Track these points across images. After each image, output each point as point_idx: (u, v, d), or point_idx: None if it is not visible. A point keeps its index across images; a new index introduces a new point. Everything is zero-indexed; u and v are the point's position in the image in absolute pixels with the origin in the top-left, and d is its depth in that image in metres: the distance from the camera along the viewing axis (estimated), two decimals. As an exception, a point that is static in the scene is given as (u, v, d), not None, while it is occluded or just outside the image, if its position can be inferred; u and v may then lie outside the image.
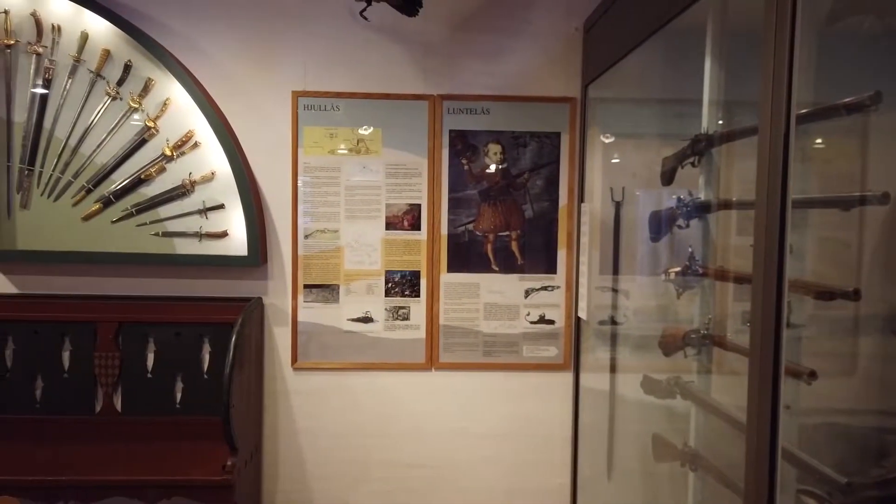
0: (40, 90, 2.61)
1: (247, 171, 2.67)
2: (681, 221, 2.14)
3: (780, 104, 1.09)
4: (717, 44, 1.99)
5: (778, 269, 1.11)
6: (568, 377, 2.84)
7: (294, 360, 2.79)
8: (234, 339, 2.40)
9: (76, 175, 2.64)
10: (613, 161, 2.73)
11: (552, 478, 2.87)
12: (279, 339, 2.80)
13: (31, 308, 2.69)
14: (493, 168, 2.77)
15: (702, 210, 2.11)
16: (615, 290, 2.69)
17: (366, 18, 2.49)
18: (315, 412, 2.82)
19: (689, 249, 2.12)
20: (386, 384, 2.82)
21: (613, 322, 2.70)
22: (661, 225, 2.30)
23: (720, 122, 2.02)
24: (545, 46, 2.77)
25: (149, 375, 2.71)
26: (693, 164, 2.11)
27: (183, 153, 2.65)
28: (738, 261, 1.94)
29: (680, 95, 2.38)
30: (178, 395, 2.71)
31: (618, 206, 2.62)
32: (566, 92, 2.76)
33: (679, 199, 2.14)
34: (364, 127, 2.75)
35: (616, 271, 2.67)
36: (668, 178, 2.22)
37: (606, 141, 2.74)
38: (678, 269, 2.18)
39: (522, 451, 2.87)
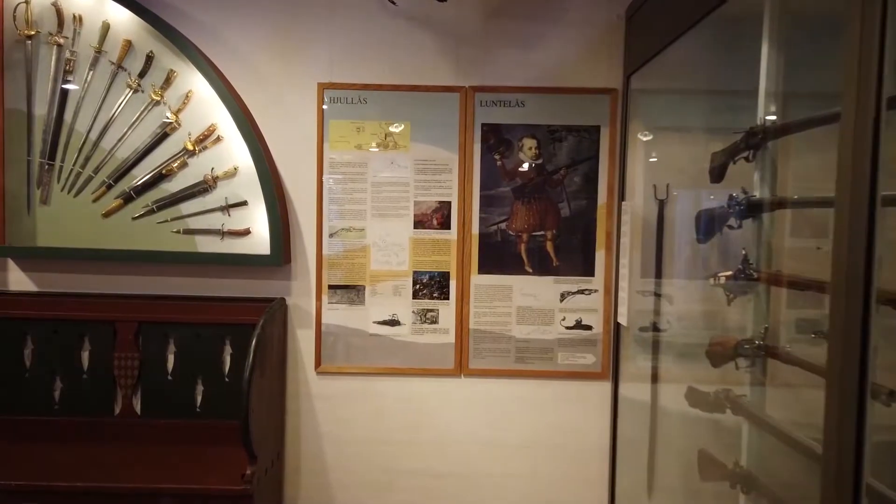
0: (61, 83, 2.58)
1: (270, 166, 2.61)
2: (732, 221, 2.01)
3: (869, 85, 0.96)
4: (776, 29, 1.87)
5: (865, 277, 0.97)
6: (606, 387, 2.75)
7: (318, 363, 2.74)
8: (254, 340, 2.35)
9: (97, 170, 2.62)
10: (656, 157, 2.62)
11: (587, 493, 2.78)
12: (303, 341, 2.76)
13: (50, 307, 2.67)
14: (527, 164, 2.69)
15: (757, 209, 1.97)
16: (657, 295, 2.57)
17: (394, 3, 2.40)
18: (339, 418, 2.77)
19: (743, 252, 1.99)
20: (413, 390, 2.75)
21: (655, 329, 2.58)
22: (709, 225, 2.18)
23: (775, 114, 1.90)
24: (584, 35, 2.67)
25: (169, 377, 2.68)
26: (747, 159, 1.99)
27: (205, 147, 2.61)
28: (795, 264, 1.84)
29: (731, 86, 2.27)
30: (199, 398, 2.68)
31: (661, 204, 2.49)
32: (607, 83, 2.66)
33: (732, 197, 2.02)
34: (392, 121, 2.68)
35: (659, 274, 2.54)
36: (717, 174, 2.10)
37: (648, 136, 2.63)
38: (729, 272, 2.06)
39: (556, 465, 2.78)
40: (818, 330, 1.59)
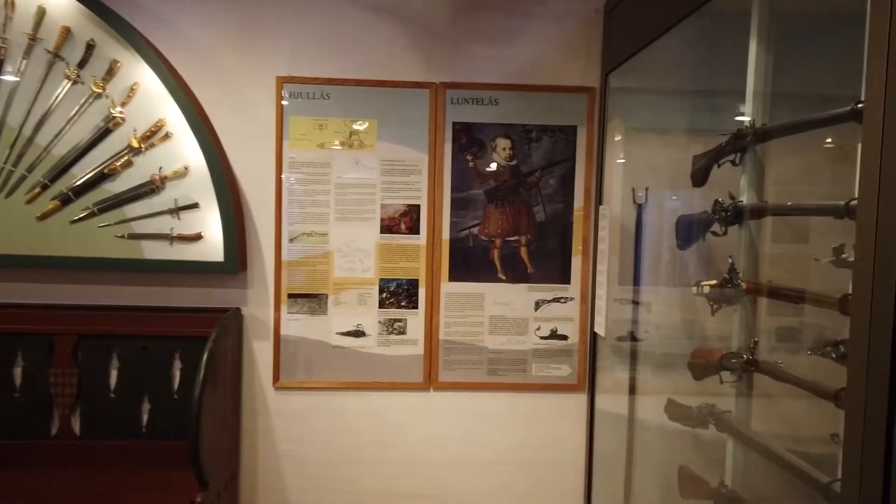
0: (-10, 72, 2.37)
1: (224, 165, 2.45)
2: (717, 228, 1.95)
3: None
4: (766, 26, 1.79)
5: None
6: (582, 399, 2.67)
7: (276, 378, 2.60)
8: (206, 355, 2.18)
9: (31, 168, 2.42)
10: (636, 159, 2.56)
11: (563, 511, 2.67)
12: (260, 354, 2.61)
13: (-23, 318, 2.45)
14: (501, 165, 2.59)
15: (745, 215, 1.89)
16: (636, 303, 2.53)
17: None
18: (300, 436, 2.63)
19: (730, 260, 1.91)
20: (379, 405, 2.63)
21: (633, 338, 2.53)
22: (690, 231, 2.11)
23: (763, 116, 1.82)
24: (561, 30, 2.57)
25: (112, 395, 2.51)
26: (734, 163, 1.91)
27: (152, 145, 2.44)
28: (785, 274, 1.77)
29: (715, 86, 2.22)
30: (145, 418, 2.52)
31: (640, 209, 2.45)
32: (584, 81, 2.58)
33: (717, 203, 1.95)
34: (357, 118, 2.55)
35: (637, 282, 2.50)
36: (700, 177, 2.03)
37: (628, 137, 2.57)
38: (714, 281, 1.98)
39: (531, 481, 2.69)
40: (815, 346, 1.50)
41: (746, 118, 1.87)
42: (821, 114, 1.52)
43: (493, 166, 2.59)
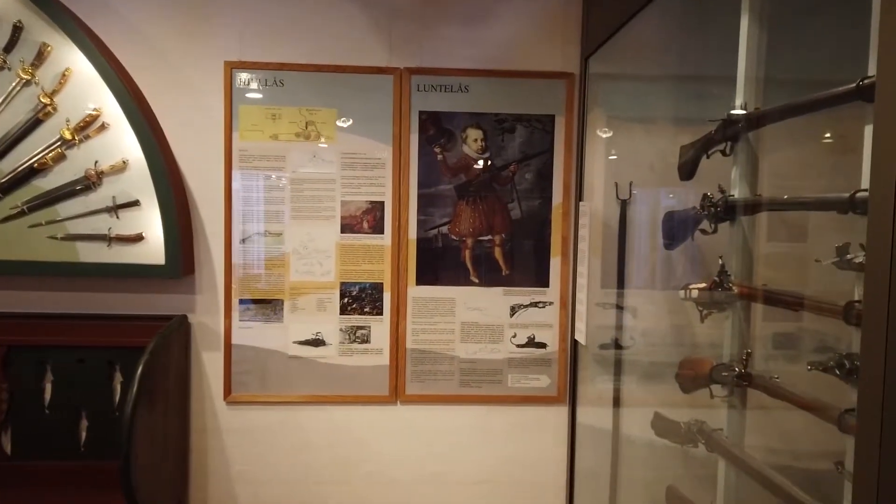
0: None
1: (167, 159, 2.29)
2: (706, 225, 1.82)
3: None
4: (759, 3, 1.67)
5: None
6: (562, 412, 2.56)
7: (227, 391, 2.45)
8: (140, 368, 2.03)
9: (-49, 163, 2.24)
10: (618, 151, 2.45)
11: (543, 533, 2.56)
12: (209, 366, 2.46)
13: None
14: (472, 158, 2.46)
15: (736, 210, 1.74)
16: (620, 308, 2.43)
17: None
18: (254, 455, 2.48)
19: (720, 261, 1.76)
20: (342, 421, 2.50)
21: (618, 346, 2.44)
22: (678, 229, 2.00)
23: (756, 102, 1.69)
24: (537, 10, 2.44)
25: (46, 411, 2.36)
26: (723, 153, 1.77)
27: (87, 137, 2.28)
28: (781, 276, 1.66)
29: (704, 71, 2.11)
30: (83, 436, 2.36)
31: (624, 205, 2.34)
32: (562, 66, 2.45)
33: (706, 197, 1.81)
34: (315, 108, 2.41)
35: (621, 285, 2.39)
36: (688, 170, 1.91)
37: (609, 129, 2.46)
38: (703, 284, 1.84)
39: (508, 502, 2.56)
40: (816, 361, 1.34)
41: (738, 102, 1.72)
42: (822, 93, 1.37)
43: (469, 158, 2.46)
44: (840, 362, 1.24)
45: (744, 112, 1.68)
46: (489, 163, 2.46)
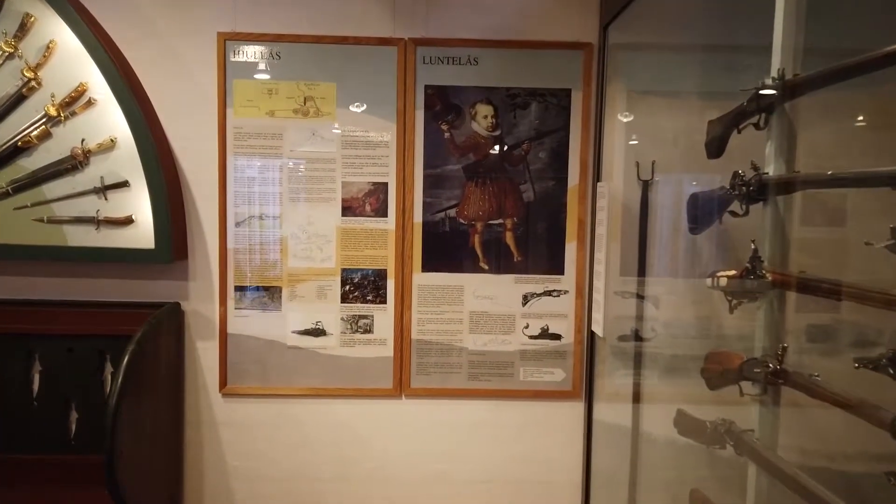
0: None
1: (156, 137, 2.22)
2: (736, 207, 1.71)
3: None
4: None
5: None
6: (578, 408, 2.48)
7: (223, 383, 2.39)
8: (126, 357, 1.97)
9: (-69, 142, 2.20)
10: (640, 127, 2.36)
11: (556, 536, 2.51)
12: (204, 356, 2.41)
13: None
14: (482, 136, 2.38)
15: (770, 190, 1.63)
16: (640, 297, 2.35)
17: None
18: (251, 450, 2.43)
19: (753, 246, 1.66)
20: (343, 415, 2.45)
21: (637, 338, 2.36)
22: (705, 211, 1.90)
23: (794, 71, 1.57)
24: None
25: (34, 403, 2.32)
26: (757, 126, 1.64)
27: (73, 113, 2.23)
28: (820, 263, 1.56)
29: (734, 39, 2.02)
30: (73, 428, 2.31)
31: (646, 185, 2.26)
32: (579, 35, 2.35)
33: (737, 176, 1.69)
34: (314, 82, 2.33)
35: (642, 272, 2.32)
36: (716, 147, 1.80)
37: (631, 102, 2.37)
38: (733, 272, 1.73)
39: (519, 502, 2.47)
40: (865, 358, 1.22)
41: (775, 68, 1.61)
42: (873, 53, 1.24)
43: (479, 136, 2.38)
44: (894, 359, 1.11)
45: (779, 79, 1.55)
46: (500, 141, 2.38)
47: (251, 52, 2.29)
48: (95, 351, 2.29)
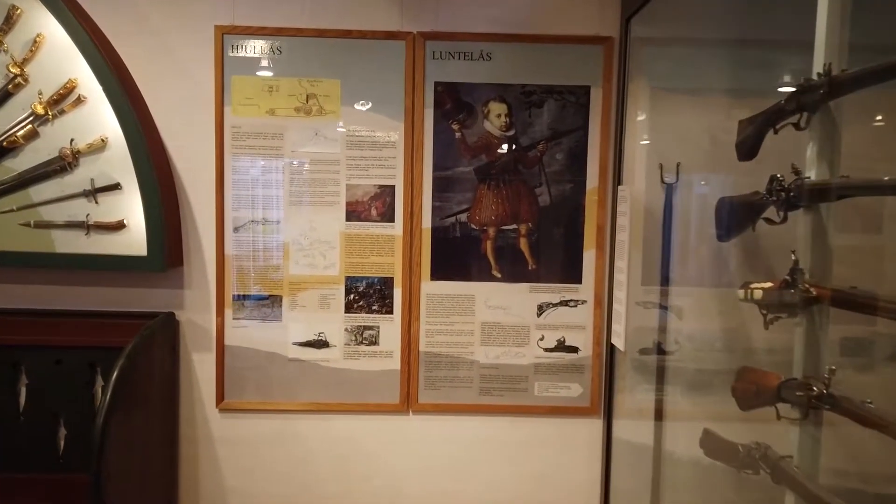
0: None
1: (149, 136, 2.15)
2: (772, 213, 1.62)
3: None
4: None
5: None
6: (596, 425, 2.43)
7: (220, 398, 2.33)
8: (115, 373, 1.88)
9: (-88, 142, 2.14)
10: (663, 127, 2.31)
11: (572, 561, 2.44)
12: (200, 369, 2.35)
13: None
14: (495, 136, 2.33)
15: (814, 196, 1.53)
16: (663, 308, 2.30)
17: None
18: (250, 468, 2.37)
19: (793, 257, 1.58)
20: (346, 432, 2.39)
21: (660, 351, 2.30)
22: (736, 217, 1.82)
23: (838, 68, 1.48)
24: None
25: (20, 418, 2.26)
26: (797, 126, 1.54)
27: (62, 111, 2.16)
28: (866, 276, 1.48)
29: (768, 33, 1.96)
30: (61, 445, 2.24)
31: (670, 189, 2.21)
32: (599, 29, 2.29)
33: (775, 180, 1.60)
34: (317, 78, 2.27)
35: (665, 281, 2.27)
36: (748, 148, 1.74)
37: (654, 100, 2.32)
38: (770, 284, 1.66)
39: None
40: None
41: (818, 64, 1.51)
42: None
43: (492, 136, 2.32)
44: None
45: (825, 76, 1.45)
46: (514, 141, 2.33)
47: (250, 47, 2.23)
48: (85, 363, 2.22)
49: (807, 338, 1.54)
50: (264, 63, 2.23)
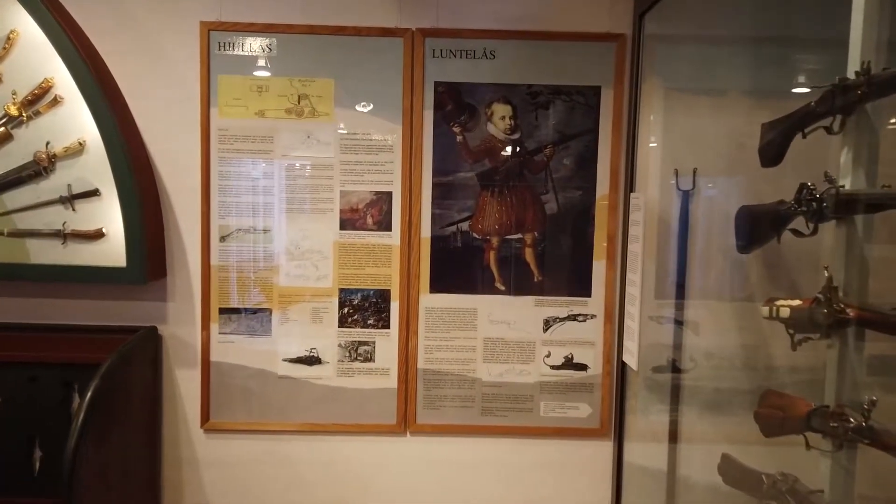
0: None
1: (130, 139, 2.08)
2: (802, 224, 1.54)
3: None
4: None
5: None
6: (606, 448, 2.36)
7: (206, 417, 2.26)
8: (89, 394, 1.81)
9: None
10: (679, 131, 2.25)
11: None
12: (184, 386, 2.28)
13: None
14: (499, 140, 2.27)
15: (850, 207, 1.46)
16: (679, 323, 2.22)
17: None
18: (238, 492, 2.30)
19: (826, 273, 1.49)
20: (340, 454, 2.32)
21: (675, 369, 2.24)
22: (758, 228, 1.74)
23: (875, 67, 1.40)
24: None
25: None
26: (829, 130, 1.45)
27: (38, 113, 2.10)
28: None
29: (791, 29, 1.91)
30: (37, 466, 2.15)
31: (686, 196, 2.13)
32: (610, 25, 2.23)
33: (805, 189, 1.51)
34: (309, 78, 2.20)
35: (681, 294, 2.19)
36: (773, 153, 1.66)
37: (669, 101, 2.26)
38: (798, 302, 1.56)
39: None
40: None
41: (854, 62, 1.42)
42: None
43: (496, 139, 2.25)
44: None
45: (864, 74, 1.36)
46: (520, 145, 2.28)
47: (238, 45, 2.15)
48: (62, 381, 2.13)
49: (840, 362, 1.44)
50: (253, 62, 2.16)
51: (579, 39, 2.20)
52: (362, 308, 2.24)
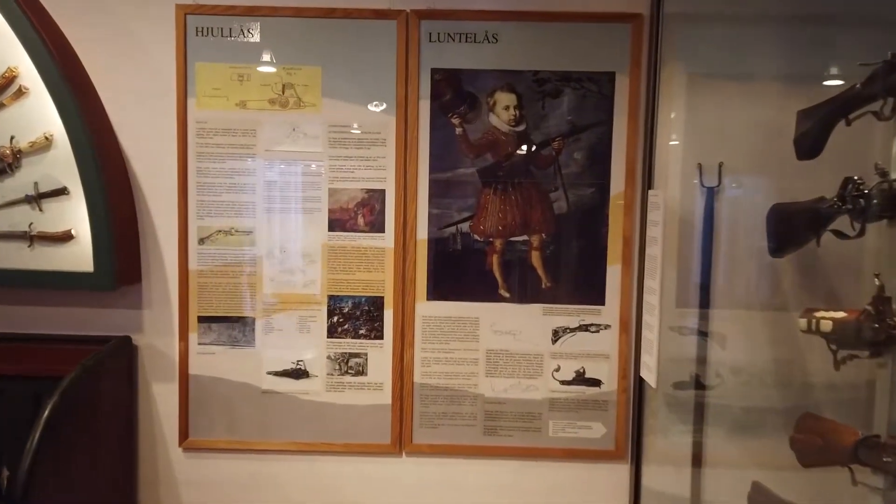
0: None
1: (99, 133, 1.98)
2: (845, 224, 1.42)
3: None
4: None
5: None
6: (622, 471, 2.25)
7: (184, 435, 2.17)
8: (46, 413, 1.69)
9: None
10: (703, 121, 2.17)
11: None
12: (161, 402, 2.19)
13: None
14: (502, 132, 2.17)
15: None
16: (702, 334, 2.13)
17: None
18: None
19: (877, 282, 1.41)
20: (330, 476, 2.22)
21: (699, 385, 2.14)
22: (792, 229, 1.64)
23: None
24: None
25: None
26: (878, 115, 1.34)
27: (1, 105, 2.00)
28: None
29: (827, 6, 1.84)
30: (3, 486, 2.01)
31: (710, 194, 2.05)
32: (626, 4, 2.12)
33: (850, 183, 1.40)
34: (295, 65, 2.10)
35: (705, 303, 2.10)
36: (810, 144, 1.54)
37: (692, 88, 2.17)
38: (842, 314, 1.41)
39: None
40: None
41: None
42: None
43: (500, 132, 2.14)
44: None
45: None
46: (525, 138, 2.18)
47: (217, 29, 2.05)
48: (29, 394, 2.00)
49: (893, 384, 1.30)
50: (233, 48, 2.05)
51: (591, 20, 2.09)
52: (353, 317, 2.14)
